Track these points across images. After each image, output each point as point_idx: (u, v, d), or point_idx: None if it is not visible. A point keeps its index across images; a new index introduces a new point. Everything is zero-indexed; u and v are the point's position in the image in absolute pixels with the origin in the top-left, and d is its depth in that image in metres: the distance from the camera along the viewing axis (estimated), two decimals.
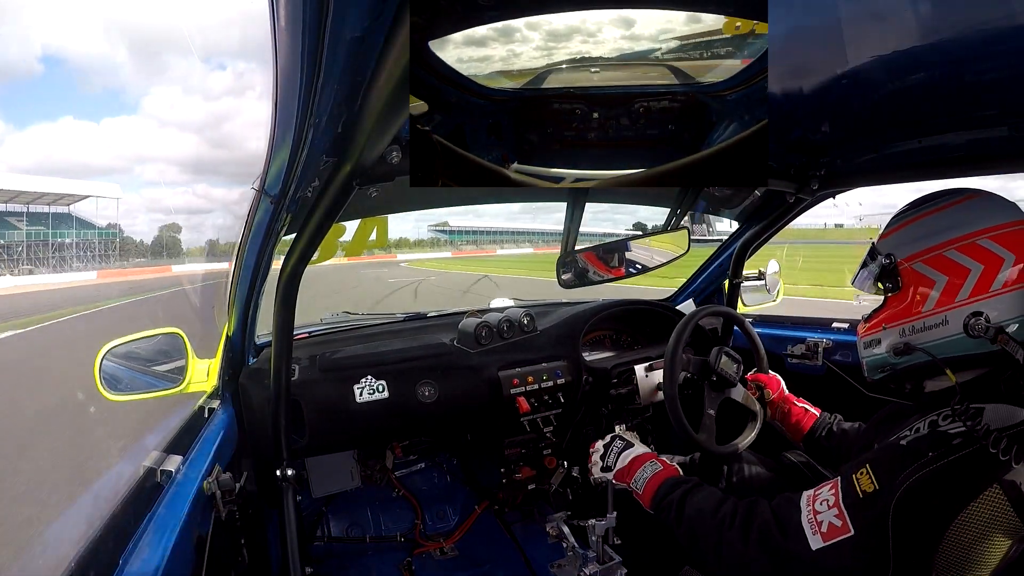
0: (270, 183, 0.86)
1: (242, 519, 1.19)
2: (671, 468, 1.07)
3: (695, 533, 0.92)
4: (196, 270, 30.37)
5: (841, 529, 0.77)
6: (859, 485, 0.78)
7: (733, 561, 0.86)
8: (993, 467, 0.72)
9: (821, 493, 0.82)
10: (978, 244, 0.81)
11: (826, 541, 0.77)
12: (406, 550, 1.73)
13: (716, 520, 0.89)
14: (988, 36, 0.68)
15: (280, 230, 1.06)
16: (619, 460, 1.13)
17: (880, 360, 0.93)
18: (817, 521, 0.79)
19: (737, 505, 0.89)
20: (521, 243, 77.27)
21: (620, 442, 1.18)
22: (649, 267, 1.57)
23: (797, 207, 1.58)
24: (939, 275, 0.84)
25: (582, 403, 1.68)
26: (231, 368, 1.41)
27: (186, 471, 1.05)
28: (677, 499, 0.97)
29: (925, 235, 0.87)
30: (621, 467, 1.12)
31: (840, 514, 0.78)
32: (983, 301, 0.80)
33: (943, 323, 0.83)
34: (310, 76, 0.57)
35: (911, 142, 1.10)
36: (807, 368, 1.75)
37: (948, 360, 0.83)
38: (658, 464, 1.07)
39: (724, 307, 1.67)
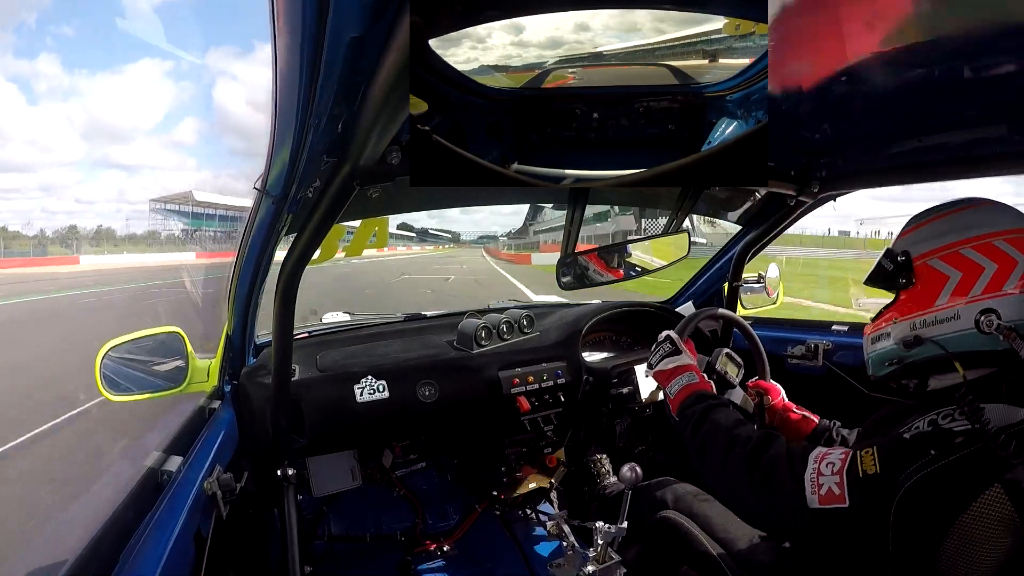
0: (272, 184, 0.87)
1: (243, 519, 1.19)
2: (707, 384, 1.10)
3: (705, 446, 0.95)
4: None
5: (838, 497, 0.78)
6: (862, 464, 0.79)
7: (733, 485, 0.89)
8: (995, 466, 0.72)
9: (831, 455, 0.83)
10: (994, 244, 0.82)
11: (821, 504, 0.79)
12: (406, 549, 1.73)
13: (729, 438, 0.91)
14: (988, 34, 0.68)
15: (281, 230, 1.07)
16: (662, 362, 1.16)
17: (888, 353, 0.93)
18: (819, 482, 0.80)
19: (753, 433, 0.91)
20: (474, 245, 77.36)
21: (669, 345, 1.19)
22: (649, 270, 1.57)
23: (798, 210, 1.57)
24: (953, 271, 0.85)
25: (582, 403, 1.68)
26: (231, 368, 1.41)
27: (187, 471, 1.05)
28: (700, 411, 1.00)
29: (941, 234, 0.88)
30: (662, 369, 1.15)
31: (840, 483, 0.79)
32: (996, 299, 0.80)
33: (955, 317, 0.83)
34: (309, 77, 0.57)
35: (911, 141, 1.10)
36: (807, 369, 1.75)
37: (957, 355, 0.83)
38: (695, 376, 1.10)
39: (724, 310, 1.67)
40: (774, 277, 1.98)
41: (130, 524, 0.90)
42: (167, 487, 1.01)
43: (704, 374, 1.14)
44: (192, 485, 1.01)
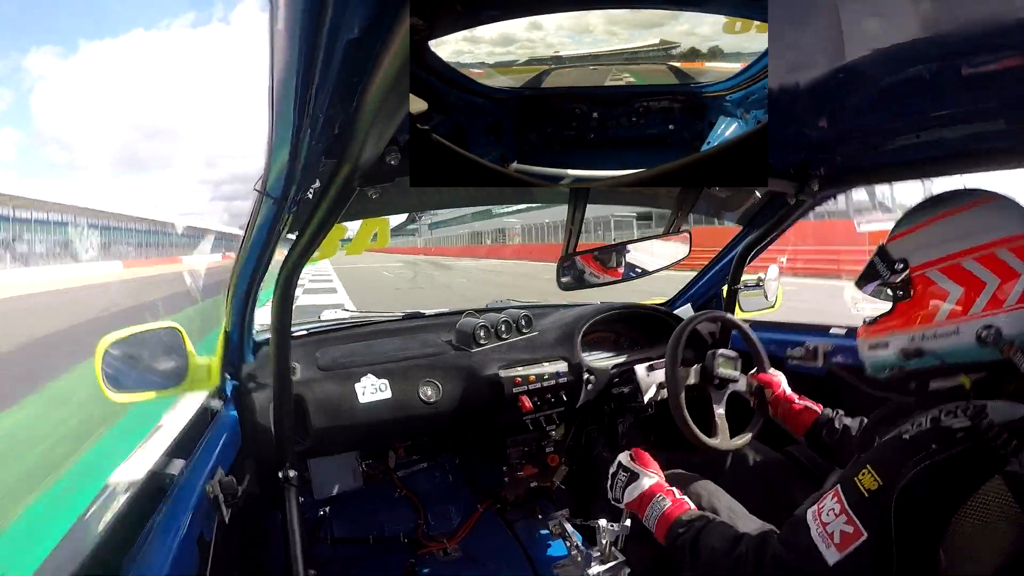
0: (272, 184, 0.87)
1: (245, 522, 1.19)
2: (679, 503, 1.05)
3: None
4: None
5: (854, 535, 0.75)
6: (862, 485, 0.77)
7: None
8: (995, 460, 0.72)
9: (825, 505, 0.81)
10: (996, 255, 0.79)
11: (842, 551, 0.75)
12: (409, 551, 1.73)
13: (731, 561, 0.88)
14: (986, 29, 0.68)
15: (282, 230, 1.07)
16: (626, 495, 1.12)
17: (887, 361, 0.92)
18: (828, 533, 0.77)
19: (748, 545, 0.88)
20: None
21: (624, 474, 1.15)
22: (649, 270, 1.57)
23: (798, 209, 1.57)
24: (954, 286, 0.82)
25: (585, 401, 1.68)
26: (231, 366, 1.41)
27: (189, 474, 1.05)
28: (690, 541, 0.96)
29: (940, 241, 0.84)
30: (630, 501, 1.11)
31: (849, 519, 0.76)
32: (997, 315, 0.79)
33: (955, 333, 0.82)
34: (306, 77, 0.57)
35: (910, 137, 1.10)
36: (808, 370, 1.75)
37: (957, 365, 0.82)
38: (666, 500, 1.06)
39: (721, 312, 1.67)
40: (773, 279, 1.97)
41: (133, 529, 0.90)
42: (169, 490, 1.01)
43: (666, 485, 1.11)
44: (194, 488, 1.01)
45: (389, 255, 48.68)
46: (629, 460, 1.17)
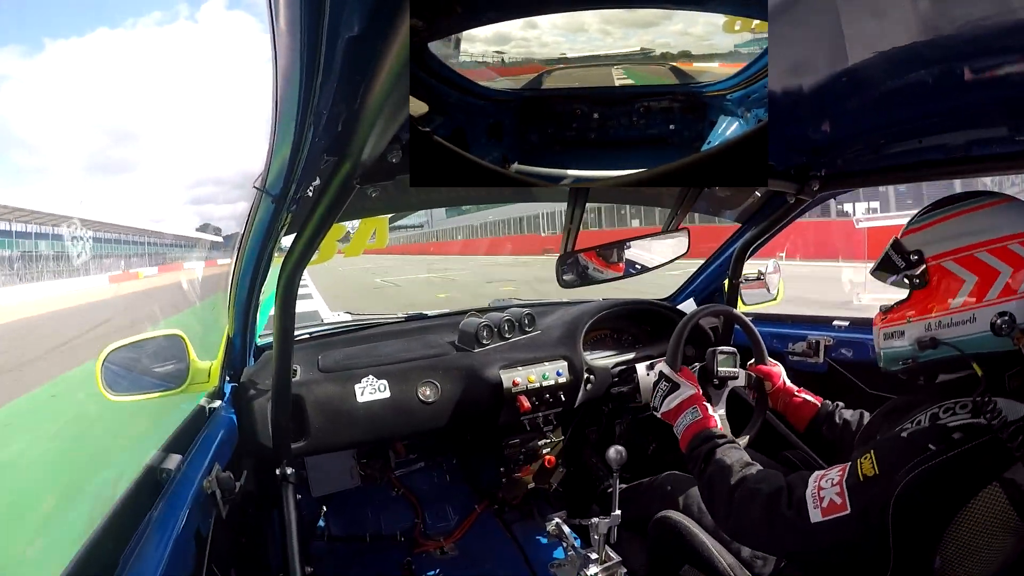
0: (271, 182, 0.86)
1: (242, 518, 1.19)
2: (710, 418, 1.11)
3: (712, 486, 0.97)
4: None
5: (840, 507, 0.79)
6: (861, 469, 0.80)
7: (739, 519, 0.91)
8: (993, 463, 0.72)
9: (829, 473, 0.85)
10: (1009, 248, 0.82)
11: (824, 516, 0.80)
12: (406, 549, 1.73)
13: (734, 479, 0.93)
14: (987, 34, 0.68)
15: (281, 229, 1.06)
16: (664, 404, 1.18)
17: (902, 353, 0.93)
18: (819, 496, 0.82)
19: (757, 472, 0.94)
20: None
21: (666, 384, 1.20)
22: (649, 267, 1.56)
23: (797, 208, 1.57)
24: (969, 274, 0.85)
25: (583, 402, 1.68)
26: (232, 369, 1.41)
27: (186, 470, 1.05)
28: (705, 452, 1.02)
29: (955, 235, 0.87)
30: (667, 410, 1.17)
31: (841, 492, 0.80)
32: (1011, 302, 0.81)
33: (970, 320, 0.84)
34: (309, 75, 0.57)
35: (911, 141, 1.10)
36: (809, 366, 1.75)
37: (973, 356, 0.84)
38: (699, 411, 1.12)
39: (723, 306, 1.67)
40: (774, 273, 1.98)
41: (130, 523, 0.90)
42: (166, 485, 1.01)
43: (706, 403, 1.15)
44: (191, 483, 1.01)
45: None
46: (671, 371, 1.22)
